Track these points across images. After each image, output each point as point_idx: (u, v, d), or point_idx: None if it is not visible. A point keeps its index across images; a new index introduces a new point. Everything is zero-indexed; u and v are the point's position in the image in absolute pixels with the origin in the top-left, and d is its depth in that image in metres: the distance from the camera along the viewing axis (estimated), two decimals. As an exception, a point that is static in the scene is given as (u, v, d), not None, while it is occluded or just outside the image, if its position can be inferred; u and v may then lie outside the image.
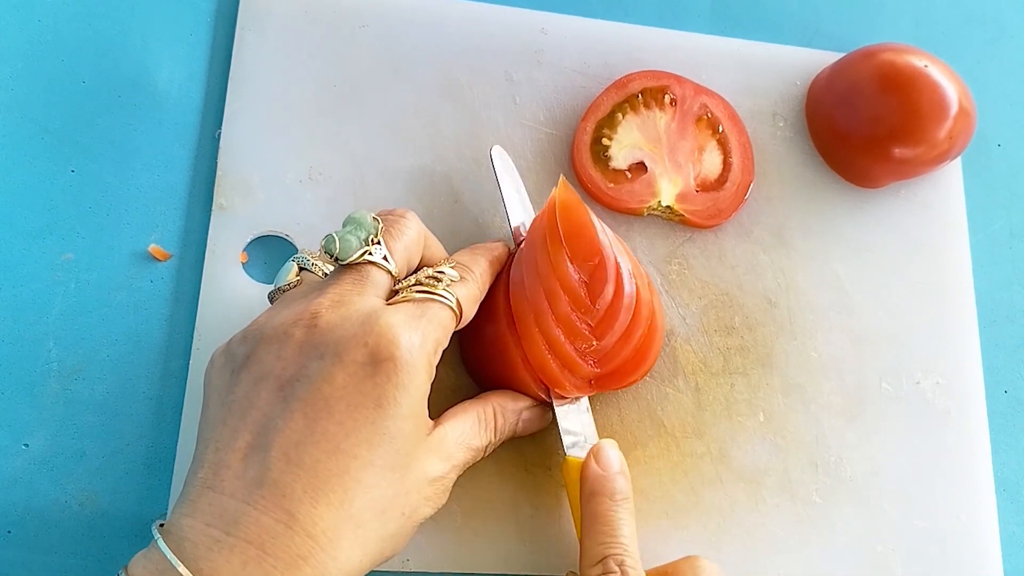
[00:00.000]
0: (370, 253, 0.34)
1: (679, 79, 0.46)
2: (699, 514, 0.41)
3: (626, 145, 0.45)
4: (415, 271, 0.36)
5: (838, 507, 0.43)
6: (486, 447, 0.37)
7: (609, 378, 0.40)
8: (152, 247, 0.42)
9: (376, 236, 0.34)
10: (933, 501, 0.43)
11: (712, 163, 0.46)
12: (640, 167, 0.45)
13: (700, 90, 0.46)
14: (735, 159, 0.46)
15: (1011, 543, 0.44)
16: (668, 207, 0.44)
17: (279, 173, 0.43)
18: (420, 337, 0.32)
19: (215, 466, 0.30)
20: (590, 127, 0.45)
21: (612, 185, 0.44)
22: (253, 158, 0.43)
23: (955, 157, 0.47)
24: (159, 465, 0.40)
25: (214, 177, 0.43)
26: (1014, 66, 0.52)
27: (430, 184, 0.44)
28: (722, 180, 0.45)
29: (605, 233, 0.39)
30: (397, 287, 0.35)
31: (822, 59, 0.49)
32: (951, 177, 0.49)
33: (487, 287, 0.38)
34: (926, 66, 0.45)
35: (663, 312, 0.43)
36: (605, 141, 0.45)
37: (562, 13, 0.48)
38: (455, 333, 0.36)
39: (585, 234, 0.38)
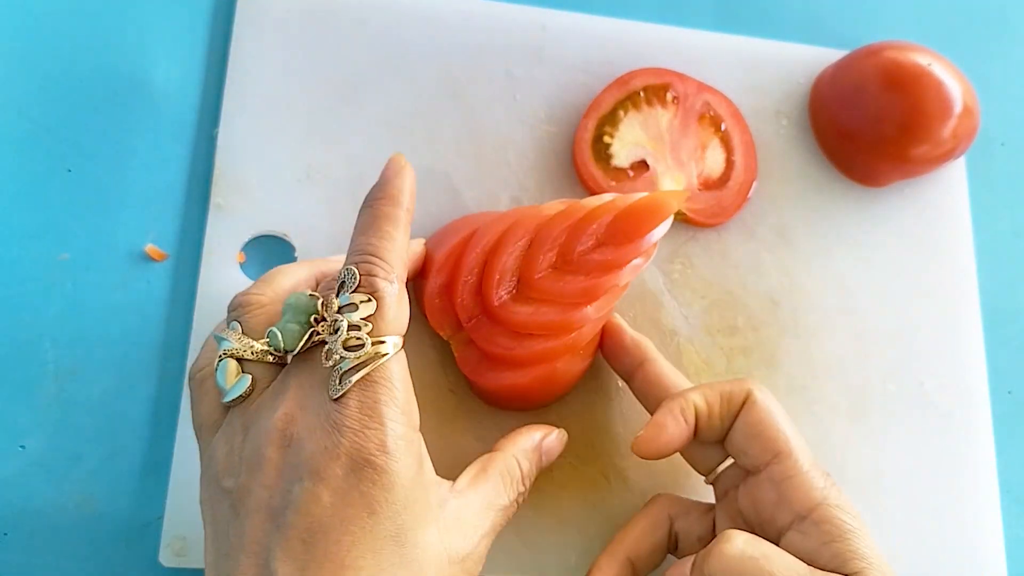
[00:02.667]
0: (317, 333, 0.31)
1: (681, 76, 0.46)
2: (702, 516, 0.41)
3: (628, 143, 0.45)
4: (330, 324, 0.31)
5: (842, 509, 0.42)
6: (517, 500, 0.35)
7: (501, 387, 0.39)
8: (149, 247, 0.42)
9: (319, 313, 0.31)
10: (937, 503, 0.43)
11: (715, 161, 0.45)
12: (642, 165, 0.45)
13: (703, 87, 0.46)
14: (738, 157, 0.45)
15: (1015, 545, 0.44)
16: (670, 206, 0.44)
17: (277, 172, 0.43)
18: (388, 422, 0.29)
19: None
20: (592, 125, 0.45)
21: (614, 183, 0.44)
22: (251, 157, 0.43)
23: (959, 156, 0.46)
24: (156, 467, 0.39)
25: (211, 176, 0.43)
26: (1018, 64, 0.52)
27: (430, 183, 0.44)
28: (725, 178, 0.45)
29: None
30: (324, 362, 0.30)
31: (826, 57, 0.48)
32: (955, 176, 0.48)
33: (406, 265, 0.33)
34: (930, 64, 0.44)
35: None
36: (607, 139, 0.45)
37: (563, 9, 0.47)
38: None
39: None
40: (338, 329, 0.30)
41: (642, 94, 0.45)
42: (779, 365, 0.44)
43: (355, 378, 0.29)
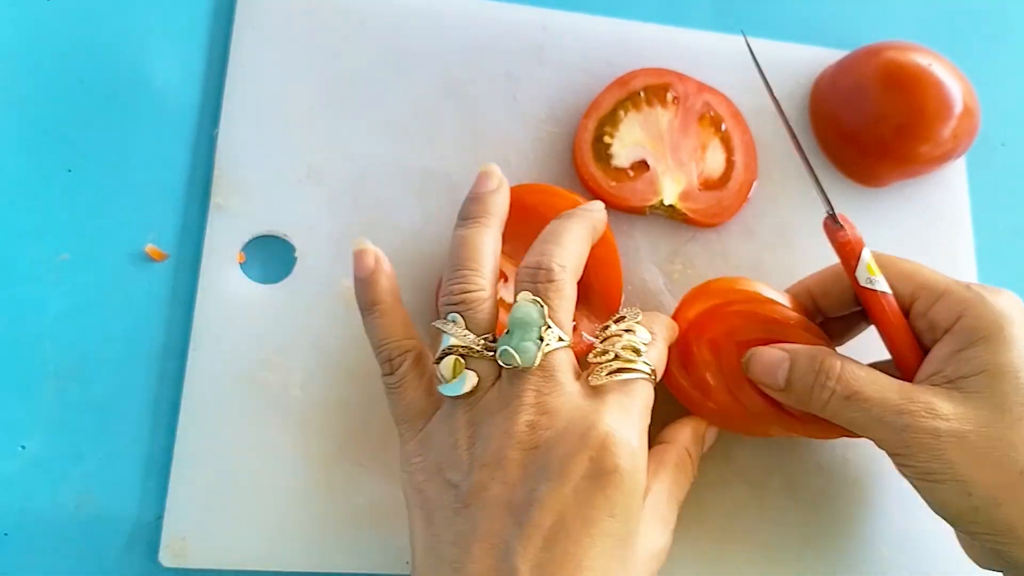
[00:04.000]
0: (548, 345, 0.32)
1: (681, 76, 0.46)
2: (703, 516, 0.41)
3: (628, 143, 0.45)
4: (606, 335, 0.34)
5: (843, 508, 0.42)
6: (687, 489, 0.37)
7: None
8: (149, 247, 0.42)
9: (546, 323, 0.32)
10: (937, 502, 0.43)
11: (715, 161, 0.45)
12: (642, 165, 0.45)
13: (703, 88, 0.46)
14: (738, 157, 0.45)
15: (1016, 545, 0.44)
16: (671, 206, 0.44)
17: (277, 172, 0.43)
18: (637, 434, 0.31)
19: None
20: (592, 125, 0.45)
21: (614, 183, 0.44)
22: (251, 157, 0.43)
23: (959, 156, 0.46)
24: (156, 467, 0.39)
25: (211, 176, 0.43)
26: (1018, 64, 0.52)
27: (430, 183, 0.44)
28: (725, 178, 0.45)
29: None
30: (593, 358, 0.33)
31: (826, 57, 0.48)
32: (955, 176, 0.48)
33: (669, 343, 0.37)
34: (930, 64, 0.44)
35: None
36: (607, 139, 0.45)
37: (563, 10, 0.47)
38: None
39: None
40: (614, 337, 0.33)
41: (642, 94, 0.45)
42: (779, 365, 0.44)
43: (620, 377, 0.32)
